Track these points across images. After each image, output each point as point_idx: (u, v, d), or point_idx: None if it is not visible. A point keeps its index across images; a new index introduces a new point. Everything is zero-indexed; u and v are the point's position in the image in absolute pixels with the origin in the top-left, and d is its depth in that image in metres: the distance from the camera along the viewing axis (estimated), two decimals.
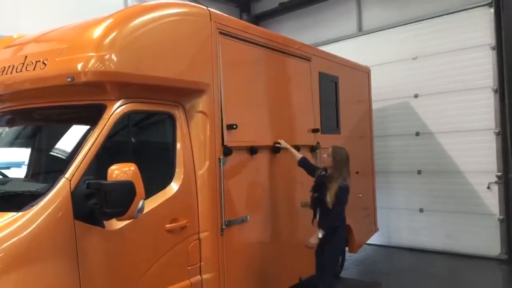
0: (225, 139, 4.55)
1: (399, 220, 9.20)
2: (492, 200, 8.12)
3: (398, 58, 9.20)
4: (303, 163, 5.44)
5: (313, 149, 6.15)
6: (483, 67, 8.15)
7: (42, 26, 4.59)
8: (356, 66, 7.89)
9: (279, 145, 5.35)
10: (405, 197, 9.18)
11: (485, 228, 8.14)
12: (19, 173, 4.07)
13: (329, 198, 4.88)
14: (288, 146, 5.42)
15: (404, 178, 9.20)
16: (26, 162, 4.09)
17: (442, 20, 8.64)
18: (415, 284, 6.97)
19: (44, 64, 3.70)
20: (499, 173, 8.00)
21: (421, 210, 8.98)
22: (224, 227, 4.50)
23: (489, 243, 8.08)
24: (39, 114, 4.19)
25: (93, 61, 3.49)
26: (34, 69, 3.75)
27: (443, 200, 8.68)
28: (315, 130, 6.23)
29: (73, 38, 3.85)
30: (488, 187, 8.11)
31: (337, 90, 7.00)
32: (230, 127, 4.61)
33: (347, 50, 8.56)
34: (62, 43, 3.81)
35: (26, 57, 3.89)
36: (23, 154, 4.19)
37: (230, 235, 4.61)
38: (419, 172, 9.01)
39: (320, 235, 4.90)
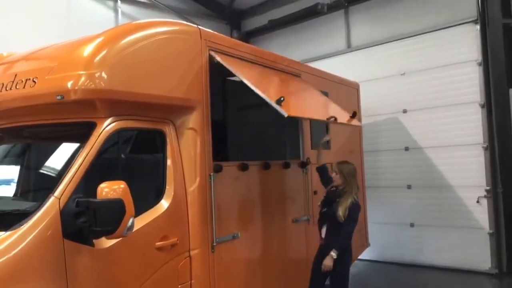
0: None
1: (390, 235, 9.21)
2: (481, 214, 8.16)
3: (387, 74, 9.31)
4: (322, 169, 5.44)
5: (303, 164, 6.17)
6: (470, 82, 8.26)
7: (32, 44, 4.61)
8: (345, 82, 7.97)
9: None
10: (395, 211, 9.20)
11: (476, 242, 8.17)
12: (8, 191, 4.03)
13: (341, 212, 4.86)
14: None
15: (395, 193, 9.23)
16: (15, 180, 4.06)
17: (429, 37, 8.77)
18: None
19: (34, 82, 3.71)
20: (488, 187, 8.07)
21: (411, 225, 9.00)
22: (215, 244, 4.48)
23: (479, 257, 8.10)
24: (29, 132, 4.19)
25: (83, 79, 3.50)
26: (24, 87, 3.75)
27: (433, 215, 8.71)
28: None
29: (63, 56, 3.87)
30: (478, 201, 8.16)
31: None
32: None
33: (337, 66, 8.66)
34: (52, 61, 3.82)
35: (16, 75, 3.90)
36: (12, 172, 4.17)
37: (221, 252, 4.59)
38: (409, 186, 9.06)
39: (334, 256, 4.85)
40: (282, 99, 4.25)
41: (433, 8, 8.75)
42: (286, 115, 4.24)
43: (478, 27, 8.19)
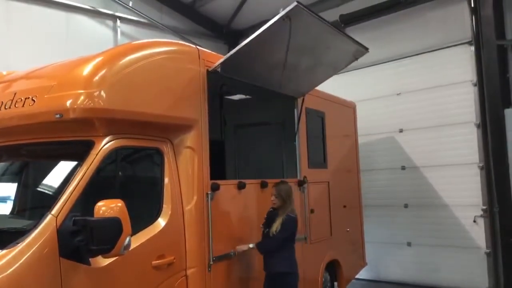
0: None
1: (387, 254, 9.18)
2: (478, 234, 8.16)
3: (383, 94, 9.39)
4: (261, 245, 4.99)
5: (300, 183, 6.18)
6: (465, 102, 8.34)
7: (32, 63, 4.65)
8: (342, 101, 8.04)
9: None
10: (392, 231, 9.19)
11: (473, 262, 8.15)
12: (5, 209, 4.03)
13: (275, 227, 4.83)
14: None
15: (392, 212, 9.23)
16: (13, 198, 4.06)
17: (424, 58, 8.88)
18: None
19: (33, 100, 3.74)
20: (484, 207, 8.08)
21: (409, 244, 8.99)
22: (211, 263, 4.47)
23: (476, 276, 8.08)
24: (27, 150, 4.20)
25: (82, 98, 3.53)
26: (23, 106, 3.79)
27: (430, 234, 8.70)
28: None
29: (62, 75, 3.90)
30: (474, 221, 8.17)
31: (323, 125, 7.10)
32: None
33: (333, 86, 8.72)
34: (52, 80, 3.85)
35: (15, 93, 3.93)
36: (10, 190, 4.16)
37: (218, 271, 4.58)
38: (406, 205, 9.06)
39: (250, 246, 4.83)
40: None
41: (428, 30, 8.87)
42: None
43: (472, 48, 8.29)
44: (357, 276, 8.17)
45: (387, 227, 9.26)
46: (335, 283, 7.28)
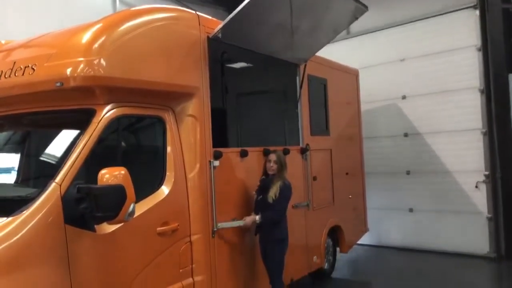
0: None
1: (389, 220, 9.27)
2: (480, 199, 8.21)
3: (386, 60, 9.28)
4: (266, 217, 4.93)
5: (302, 151, 6.19)
6: (469, 68, 8.25)
7: (30, 32, 4.59)
8: (344, 68, 7.96)
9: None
10: (394, 197, 9.25)
11: (474, 227, 8.23)
12: (9, 178, 4.05)
13: (272, 193, 4.85)
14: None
15: (394, 179, 9.27)
16: (16, 168, 4.08)
17: (428, 23, 8.74)
18: (405, 284, 7.02)
19: (33, 69, 3.71)
20: (486, 172, 8.10)
21: (410, 210, 9.06)
22: (215, 229, 4.53)
23: (478, 241, 8.17)
24: (29, 120, 4.19)
25: (82, 66, 3.50)
26: (23, 75, 3.75)
27: (432, 200, 8.76)
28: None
29: (61, 43, 3.85)
30: (476, 186, 8.20)
31: (326, 92, 7.06)
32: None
33: (336, 53, 8.63)
34: (51, 49, 3.81)
35: (14, 62, 3.89)
36: (13, 159, 4.18)
37: (222, 237, 4.64)
38: (408, 172, 9.09)
39: (257, 220, 4.83)
40: None
41: None
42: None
43: (477, 12, 8.15)
44: (359, 242, 8.28)
45: (389, 193, 9.32)
46: (337, 248, 7.39)
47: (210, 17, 4.80)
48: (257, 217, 4.86)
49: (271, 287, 5.05)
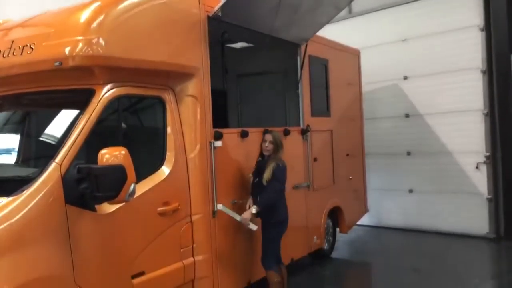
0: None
1: (389, 201, 9.29)
2: (480, 180, 8.21)
3: (388, 40, 9.19)
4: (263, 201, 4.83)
5: (303, 131, 6.18)
6: (472, 48, 8.17)
7: (28, 11, 4.53)
8: (346, 48, 7.89)
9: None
10: (394, 178, 9.26)
11: (474, 208, 8.24)
12: (9, 158, 4.05)
13: (266, 175, 4.78)
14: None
15: (394, 160, 9.26)
16: (16, 148, 4.08)
17: (431, 2, 8.62)
18: (405, 264, 7.07)
19: (32, 48, 3.68)
20: (487, 153, 8.09)
21: (410, 191, 9.07)
22: (216, 209, 4.54)
23: (477, 222, 8.19)
24: (28, 100, 4.18)
25: (81, 45, 3.47)
26: (21, 54, 3.73)
27: (432, 181, 8.76)
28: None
29: (60, 22, 3.82)
30: (477, 167, 8.20)
31: (327, 73, 7.01)
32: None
33: (337, 33, 8.55)
34: (49, 28, 3.77)
35: (13, 42, 3.86)
36: (13, 139, 4.18)
37: (222, 217, 4.65)
38: (408, 153, 9.08)
39: (253, 211, 4.72)
40: None
41: None
42: None
43: None
44: (359, 222, 8.32)
45: (389, 174, 9.32)
46: (337, 229, 7.44)
47: None
48: (253, 209, 4.73)
49: (261, 263, 5.00)
